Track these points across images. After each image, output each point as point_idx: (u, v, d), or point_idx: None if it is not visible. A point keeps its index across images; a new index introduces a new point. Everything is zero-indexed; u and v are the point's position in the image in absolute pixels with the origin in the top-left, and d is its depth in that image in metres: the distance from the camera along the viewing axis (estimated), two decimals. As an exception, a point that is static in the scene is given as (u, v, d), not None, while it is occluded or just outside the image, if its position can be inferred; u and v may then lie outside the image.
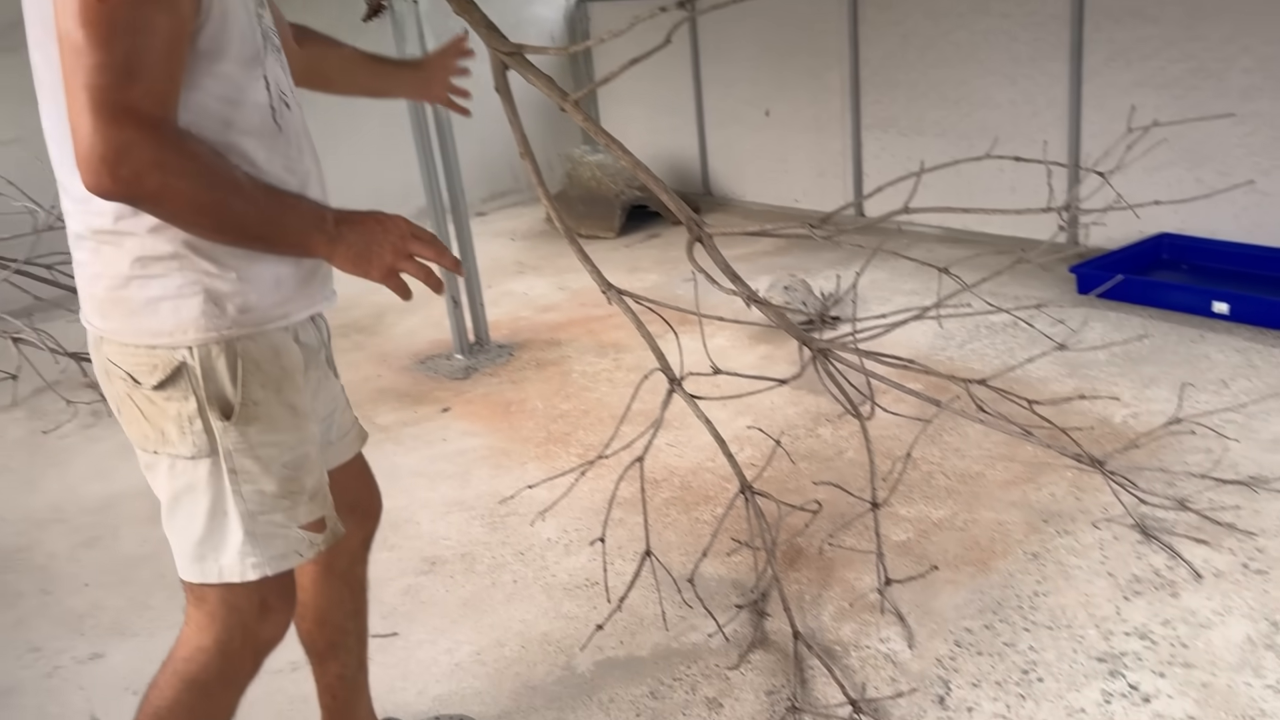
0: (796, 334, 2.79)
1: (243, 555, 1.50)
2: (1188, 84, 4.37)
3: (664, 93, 6.88)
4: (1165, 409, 3.22)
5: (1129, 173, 4.46)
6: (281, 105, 1.46)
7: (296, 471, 1.51)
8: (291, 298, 1.48)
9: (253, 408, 1.45)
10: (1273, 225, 4.27)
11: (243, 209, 1.31)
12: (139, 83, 1.20)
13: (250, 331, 1.44)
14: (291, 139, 1.48)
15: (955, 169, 5.41)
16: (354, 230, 1.40)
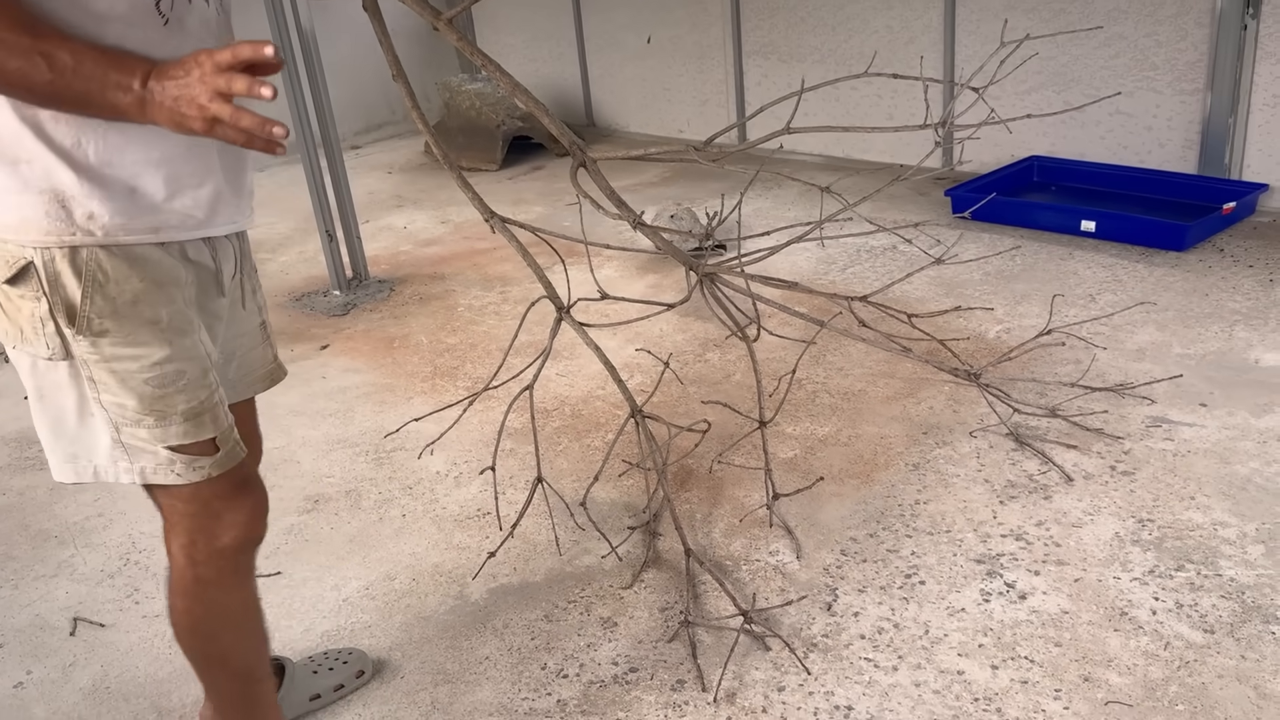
0: (682, 259, 2.78)
1: (114, 459, 1.46)
2: (1056, 7, 4.47)
3: (543, 19, 6.73)
4: (1037, 323, 3.33)
5: (1001, 96, 4.56)
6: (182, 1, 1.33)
7: (163, 389, 1.44)
8: (158, 211, 1.39)
9: (99, 321, 1.38)
10: (1136, 146, 4.43)
11: (47, 76, 1.19)
12: None
13: (101, 242, 1.35)
14: (185, 32, 1.34)
15: (835, 96, 5.48)
16: (162, 82, 1.21)
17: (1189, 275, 3.61)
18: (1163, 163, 4.36)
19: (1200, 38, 4.13)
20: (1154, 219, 3.89)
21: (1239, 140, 4.14)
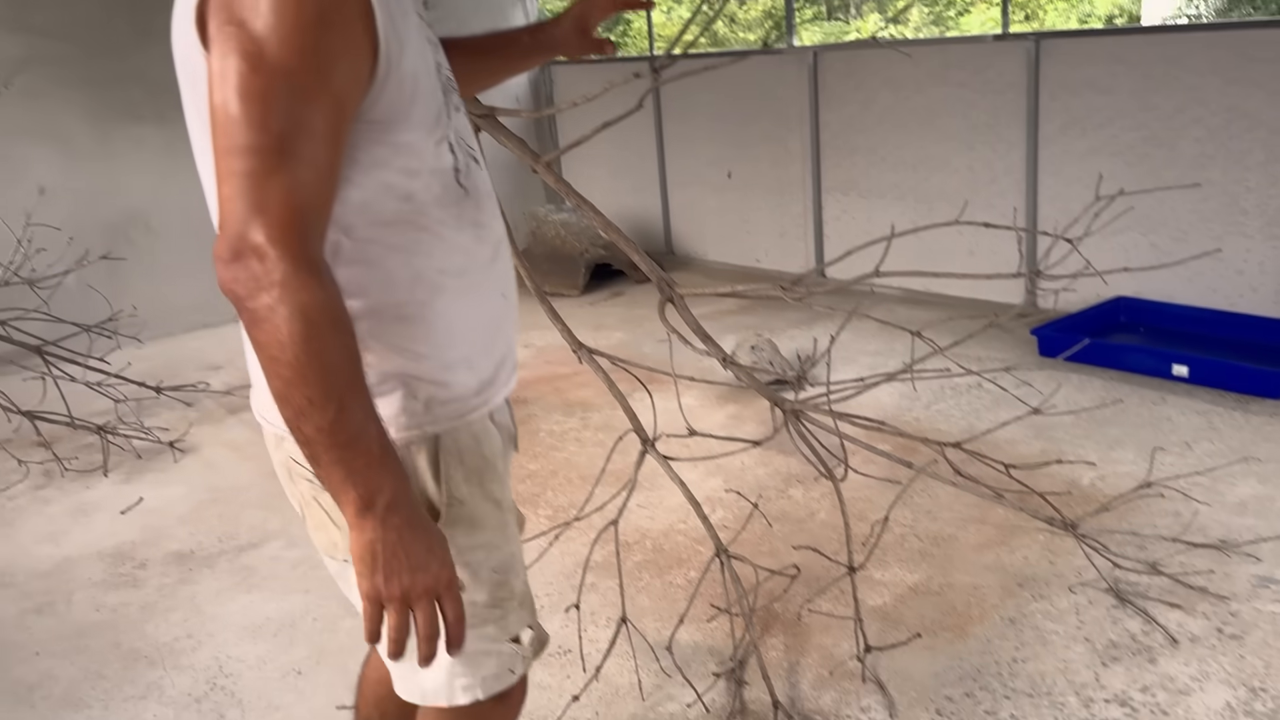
0: (769, 396, 2.79)
1: (451, 676, 1.32)
2: (1140, 151, 4.49)
3: (627, 153, 6.94)
4: (1132, 470, 3.26)
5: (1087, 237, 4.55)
6: (467, 162, 1.29)
7: (505, 575, 1.34)
8: (491, 380, 1.33)
9: (458, 508, 1.29)
10: (1227, 290, 4.37)
11: (318, 397, 1.05)
12: (292, 171, 1.04)
13: (451, 425, 1.28)
14: (480, 200, 1.31)
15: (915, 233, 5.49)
16: (397, 531, 1.10)
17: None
18: (1255, 308, 4.29)
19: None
20: (1250, 365, 3.82)
21: (1335, 287, 4.07)
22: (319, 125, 1.05)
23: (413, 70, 1.17)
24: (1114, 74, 4.52)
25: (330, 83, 1.06)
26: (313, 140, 1.05)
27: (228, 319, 6.08)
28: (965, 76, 5.05)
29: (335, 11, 1.06)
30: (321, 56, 1.05)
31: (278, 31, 1.02)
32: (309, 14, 1.03)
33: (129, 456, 4.13)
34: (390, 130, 1.16)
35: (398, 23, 1.14)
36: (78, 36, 5.58)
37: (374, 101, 1.13)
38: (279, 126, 1.03)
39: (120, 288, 5.44)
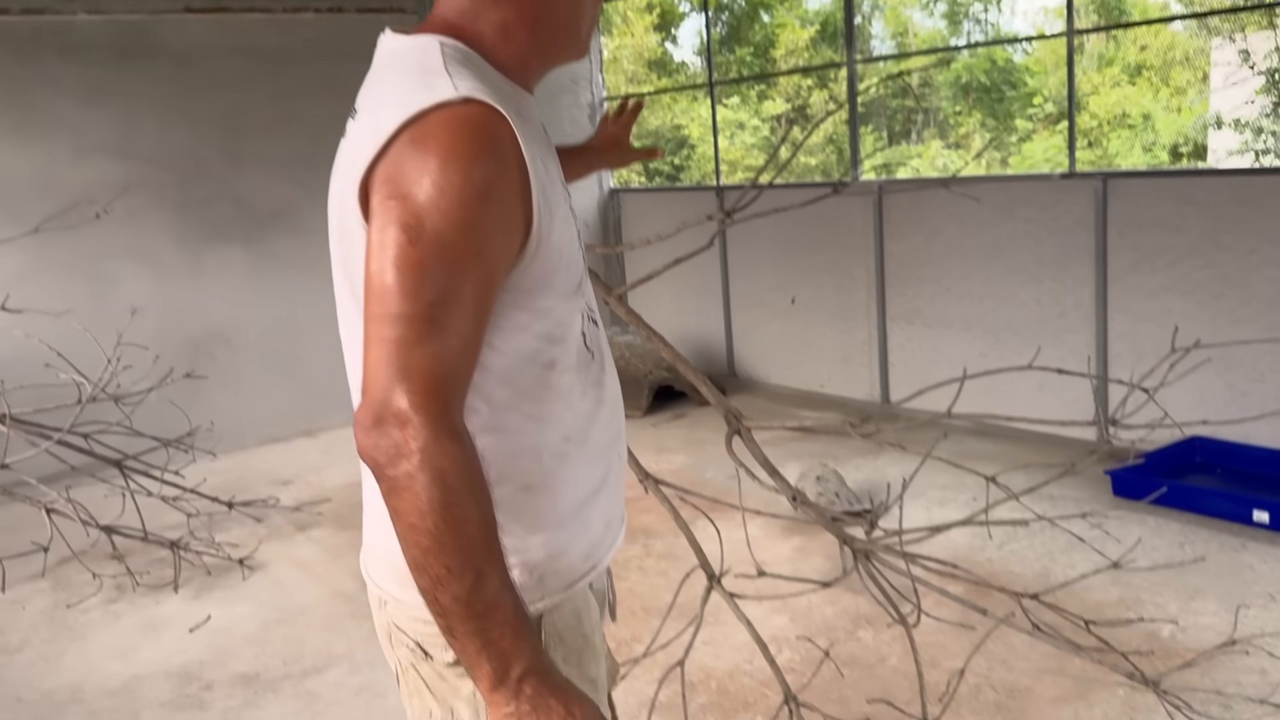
0: (839, 534, 2.78)
1: None
2: (1213, 291, 4.47)
3: (691, 276, 7.06)
4: (1213, 623, 3.15)
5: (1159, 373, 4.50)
6: (590, 324, 1.30)
7: None
8: (599, 541, 1.31)
9: None
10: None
11: (456, 566, 1.04)
12: (440, 340, 1.05)
13: (559, 599, 1.26)
14: (603, 360, 1.32)
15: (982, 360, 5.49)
16: (532, 702, 1.07)
17: (1380, 578, 3.39)
18: (1337, 451, 4.19)
19: (1371, 328, 4.05)
20: (1334, 513, 3.71)
21: None
22: (469, 296, 1.08)
23: (559, 241, 1.19)
24: (1183, 214, 4.53)
25: (485, 256, 1.09)
26: (462, 310, 1.07)
27: (298, 432, 6.22)
28: (1032, 213, 5.09)
29: (496, 188, 1.09)
30: (479, 231, 1.08)
31: (440, 206, 1.05)
32: (472, 190, 1.07)
33: (199, 572, 4.20)
34: (534, 297, 1.18)
35: (549, 195, 1.17)
36: (174, 163, 5.89)
37: (523, 271, 1.15)
38: (431, 296, 1.05)
39: (198, 401, 5.60)
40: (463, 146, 1.07)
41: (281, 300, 6.20)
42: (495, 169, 1.08)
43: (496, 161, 1.09)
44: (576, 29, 1.28)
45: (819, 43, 17.51)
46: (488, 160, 1.08)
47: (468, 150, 1.07)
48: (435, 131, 1.08)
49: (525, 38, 1.24)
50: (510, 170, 1.10)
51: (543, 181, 1.15)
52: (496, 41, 1.22)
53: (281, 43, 6.15)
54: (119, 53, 5.71)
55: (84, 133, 5.65)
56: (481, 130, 1.09)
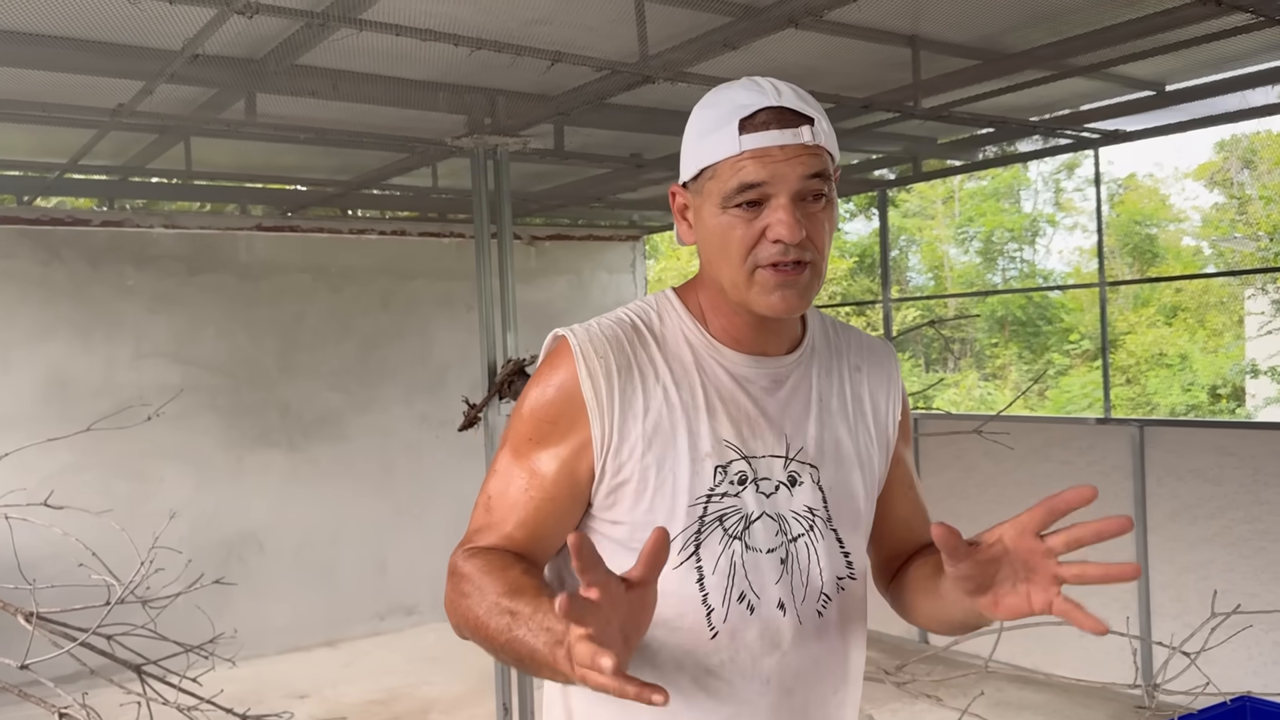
0: None
1: None
2: (1255, 545, 4.39)
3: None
4: None
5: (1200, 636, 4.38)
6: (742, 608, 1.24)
7: None
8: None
9: None
10: (1363, 699, 4.08)
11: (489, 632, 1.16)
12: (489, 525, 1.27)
13: None
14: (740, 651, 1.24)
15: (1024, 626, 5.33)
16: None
17: None
18: (1399, 723, 3.97)
19: None
20: (1400, 794, 3.48)
21: None
22: (519, 499, 1.25)
23: (635, 481, 1.25)
24: (1222, 465, 4.51)
25: (533, 466, 1.26)
26: (513, 510, 1.26)
27: (320, 642, 6.13)
28: (1069, 455, 5.09)
29: (545, 408, 1.26)
30: (527, 442, 1.26)
31: (513, 421, 1.29)
32: (526, 407, 1.27)
33: (205, 790, 4.05)
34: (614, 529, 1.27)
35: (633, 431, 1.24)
36: (229, 369, 6.11)
37: (599, 497, 1.26)
38: (490, 491, 1.28)
39: (225, 605, 5.57)
40: (539, 372, 1.28)
41: (318, 507, 6.27)
42: (551, 392, 1.25)
43: (555, 386, 1.25)
44: (719, 277, 1.26)
45: (857, 272, 18.06)
46: (546, 383, 1.26)
47: (539, 376, 1.27)
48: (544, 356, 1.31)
49: (706, 285, 1.31)
50: (565, 399, 1.24)
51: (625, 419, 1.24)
52: (700, 296, 1.33)
53: (345, 260, 6.49)
54: (189, 265, 6.04)
55: (146, 337, 5.91)
56: (552, 358, 1.27)
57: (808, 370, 1.33)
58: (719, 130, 1.22)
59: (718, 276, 1.26)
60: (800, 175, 1.20)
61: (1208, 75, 4.32)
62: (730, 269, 1.23)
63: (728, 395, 1.27)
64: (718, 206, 1.23)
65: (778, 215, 1.20)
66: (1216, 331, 15.93)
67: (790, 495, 1.27)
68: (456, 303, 6.71)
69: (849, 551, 1.31)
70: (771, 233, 1.20)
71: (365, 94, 3.83)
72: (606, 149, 5.02)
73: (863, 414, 1.36)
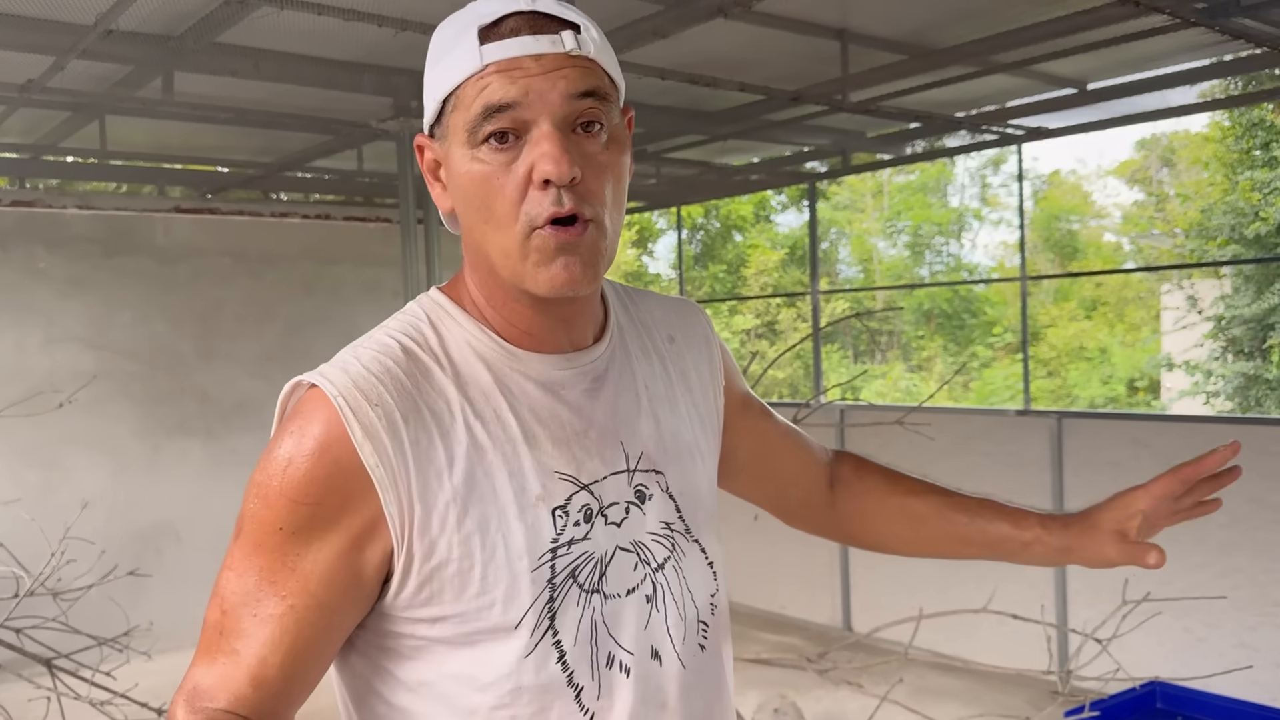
0: None
1: None
2: (1166, 534, 4.49)
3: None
4: None
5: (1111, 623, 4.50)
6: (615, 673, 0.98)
7: None
8: None
9: None
10: (1267, 682, 4.23)
11: None
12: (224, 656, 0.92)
13: None
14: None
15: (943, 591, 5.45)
16: None
17: (1348, 847, 3.28)
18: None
19: (1323, 580, 4.08)
20: (1299, 775, 3.62)
21: (1380, 690, 3.93)
22: (275, 611, 0.91)
23: (455, 560, 0.93)
24: (1137, 457, 4.64)
25: (297, 567, 0.91)
26: (261, 627, 0.91)
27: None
28: (989, 447, 5.19)
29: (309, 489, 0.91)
30: (287, 536, 0.91)
31: (255, 501, 0.93)
32: (282, 489, 0.92)
33: (117, 787, 3.94)
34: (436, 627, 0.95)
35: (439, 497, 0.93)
36: (145, 355, 5.94)
37: (406, 596, 0.94)
38: (225, 605, 0.93)
39: (140, 598, 5.42)
40: (284, 439, 0.93)
41: (239, 497, 6.10)
42: (308, 468, 0.91)
43: (312, 459, 0.91)
44: (486, 253, 0.98)
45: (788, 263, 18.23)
46: (301, 458, 0.91)
47: (287, 445, 0.92)
48: (280, 419, 0.97)
49: (474, 273, 1.02)
50: (335, 475, 0.91)
51: (426, 485, 0.93)
52: (473, 289, 1.03)
53: (267, 244, 6.34)
54: (104, 247, 5.85)
55: (57, 322, 5.72)
56: (305, 423, 0.92)
57: (625, 356, 1.07)
58: (456, 47, 0.95)
59: (485, 249, 0.97)
60: (564, 93, 0.92)
61: (1128, 75, 4.43)
62: (497, 233, 0.95)
63: (545, 413, 0.99)
64: (465, 146, 0.94)
65: (540, 148, 0.92)
66: (1134, 326, 16.41)
67: (643, 515, 1.02)
68: (383, 289, 6.61)
69: (713, 561, 1.09)
70: (536, 171, 0.92)
71: (287, 74, 3.74)
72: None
73: (689, 391, 1.12)
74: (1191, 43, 3.89)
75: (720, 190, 7.16)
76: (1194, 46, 3.99)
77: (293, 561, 0.91)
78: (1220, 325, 10.73)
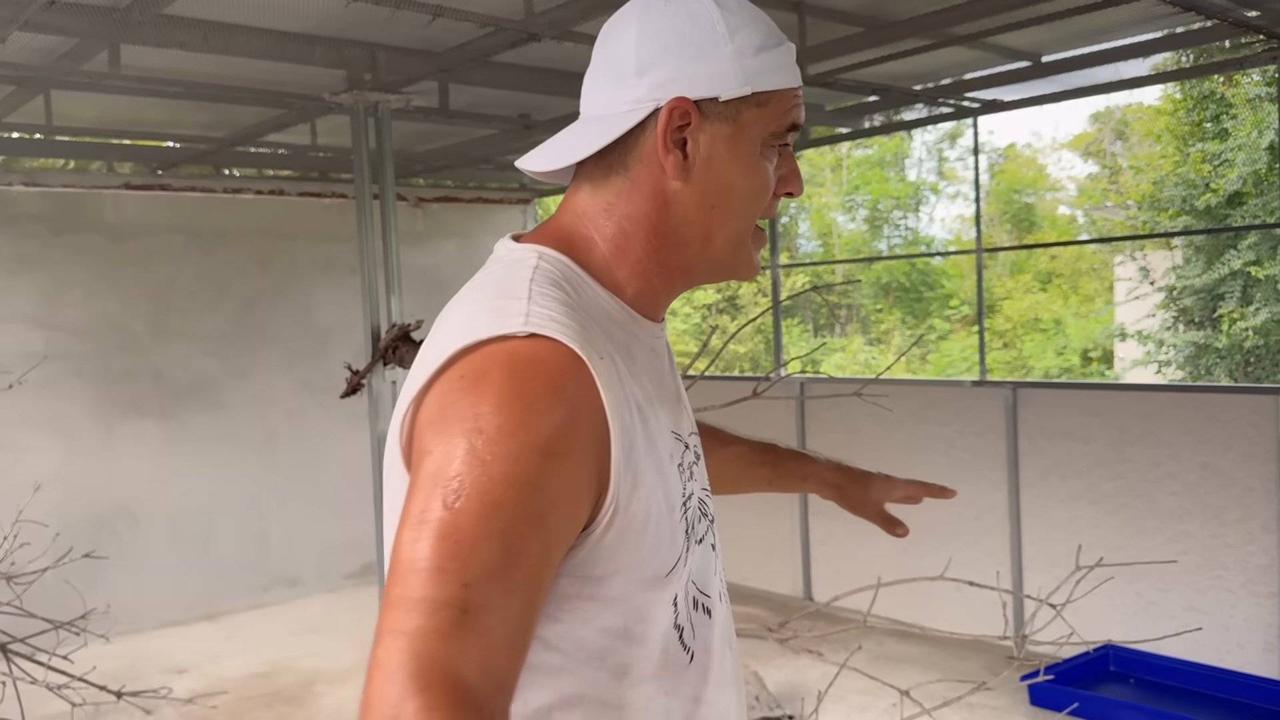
0: None
1: None
2: (1119, 501, 4.60)
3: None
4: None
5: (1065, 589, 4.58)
6: (701, 615, 1.04)
7: None
8: None
9: None
10: (1215, 644, 4.34)
11: None
12: (472, 636, 0.80)
13: None
14: (707, 666, 1.04)
15: (903, 562, 5.52)
16: None
17: (1292, 801, 3.38)
18: (1245, 665, 4.24)
19: (1269, 544, 4.18)
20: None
21: (1324, 649, 4.05)
22: (519, 578, 0.84)
23: (645, 513, 0.95)
24: (1090, 425, 4.71)
25: (543, 527, 0.86)
26: (509, 597, 0.83)
27: (199, 616, 5.95)
28: (946, 417, 5.25)
29: (562, 443, 0.88)
30: (538, 495, 0.86)
31: (487, 460, 0.85)
32: (531, 443, 0.86)
33: (76, 771, 3.91)
34: (604, 583, 0.94)
35: (638, 456, 0.95)
36: (97, 334, 5.83)
37: (589, 549, 0.93)
38: (466, 576, 0.82)
39: (97, 580, 5.36)
40: (523, 390, 0.88)
41: (194, 477, 6.06)
42: (564, 417, 0.88)
43: (565, 409, 0.88)
44: (706, 241, 1.03)
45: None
46: (553, 407, 0.88)
47: (528, 395, 0.88)
48: (491, 369, 0.89)
49: (644, 250, 1.03)
50: (583, 421, 0.90)
51: (632, 438, 0.94)
52: (611, 254, 1.03)
53: (220, 221, 6.24)
54: (52, 225, 5.73)
55: (5, 301, 5.60)
56: (547, 371, 0.89)
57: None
58: (779, 50, 1.01)
59: (708, 231, 1.02)
60: None
61: (1081, 47, 4.46)
62: (738, 223, 1.03)
63: (655, 376, 1.05)
64: (756, 143, 1.01)
65: (792, 166, 1.04)
66: (1089, 297, 16.62)
67: (702, 473, 1.11)
68: (339, 266, 6.54)
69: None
70: (789, 185, 1.05)
71: (237, 46, 3.67)
72: (494, 109, 4.93)
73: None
74: (1144, 14, 3.93)
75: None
76: (1147, 19, 4.03)
77: (539, 519, 0.86)
78: (1172, 296, 10.90)
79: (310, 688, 4.80)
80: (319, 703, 4.62)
